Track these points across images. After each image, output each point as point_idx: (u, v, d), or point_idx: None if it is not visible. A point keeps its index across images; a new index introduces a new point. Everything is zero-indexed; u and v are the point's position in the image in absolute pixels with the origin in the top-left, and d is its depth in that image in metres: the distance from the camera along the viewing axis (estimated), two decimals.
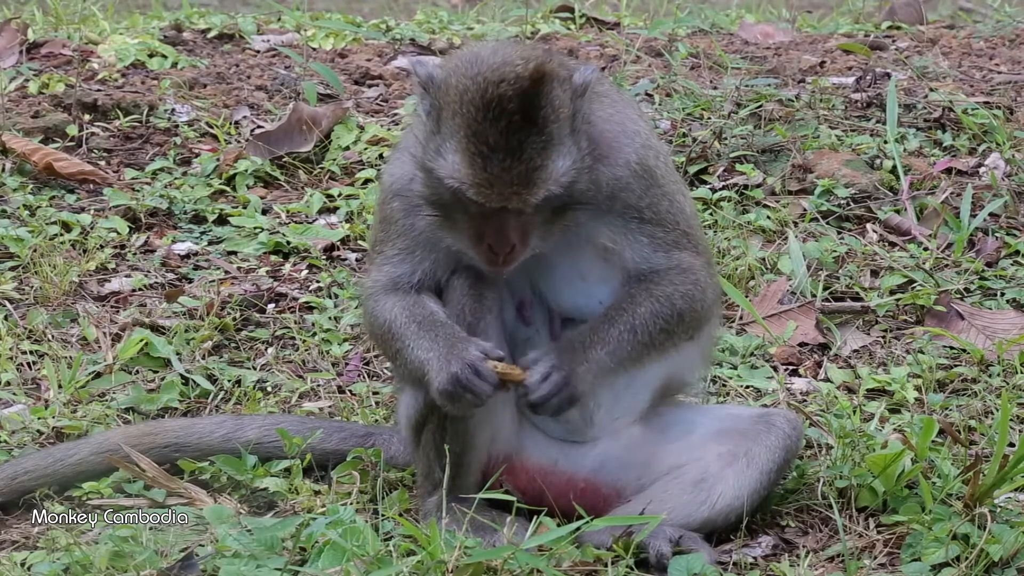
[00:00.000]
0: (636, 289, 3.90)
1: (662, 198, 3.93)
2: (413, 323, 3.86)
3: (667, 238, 3.92)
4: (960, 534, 3.84)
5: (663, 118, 6.67)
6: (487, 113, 3.59)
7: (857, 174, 6.21)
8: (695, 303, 3.93)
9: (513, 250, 3.73)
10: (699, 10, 9.50)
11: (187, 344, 5.10)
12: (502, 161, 3.60)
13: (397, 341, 3.88)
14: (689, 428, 4.14)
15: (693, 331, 4.00)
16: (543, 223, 3.75)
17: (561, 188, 3.67)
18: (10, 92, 6.90)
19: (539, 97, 3.60)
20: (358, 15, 9.55)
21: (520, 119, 3.59)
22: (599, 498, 4.07)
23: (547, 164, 3.63)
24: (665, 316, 3.89)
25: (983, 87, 7.29)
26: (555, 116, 3.64)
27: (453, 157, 3.65)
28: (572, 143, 3.70)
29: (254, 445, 4.39)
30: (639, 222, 3.90)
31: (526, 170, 3.61)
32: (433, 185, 3.75)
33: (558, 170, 3.65)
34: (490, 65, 3.62)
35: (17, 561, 3.81)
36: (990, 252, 5.82)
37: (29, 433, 4.55)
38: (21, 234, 5.67)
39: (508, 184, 3.61)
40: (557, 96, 3.65)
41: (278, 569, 3.62)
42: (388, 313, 3.92)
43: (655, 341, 3.89)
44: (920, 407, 4.79)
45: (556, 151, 3.64)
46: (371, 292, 3.99)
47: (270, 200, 6.22)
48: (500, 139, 3.59)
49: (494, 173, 3.61)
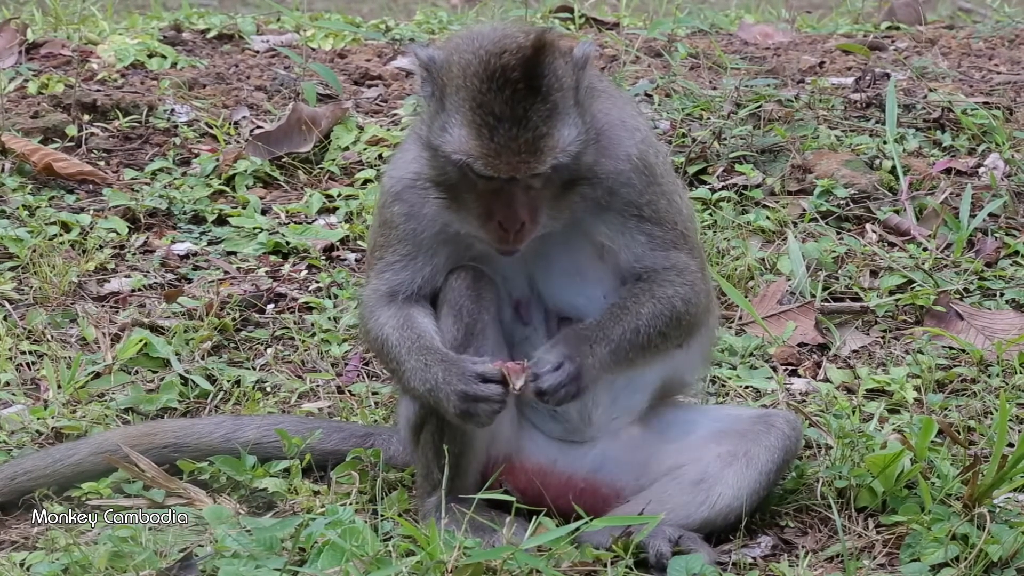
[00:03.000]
0: (638, 288, 3.90)
1: (661, 196, 3.93)
2: (403, 348, 3.86)
3: (665, 238, 3.92)
4: (959, 534, 3.85)
5: (662, 118, 6.67)
6: (491, 83, 3.59)
7: (856, 174, 6.21)
8: (691, 307, 3.93)
9: (523, 227, 3.72)
10: (698, 10, 9.50)
11: (186, 344, 5.10)
12: (508, 130, 3.59)
13: (392, 362, 3.90)
14: (688, 428, 4.14)
15: (686, 337, 4.00)
16: (552, 199, 3.75)
17: (568, 158, 3.67)
18: (9, 92, 6.90)
19: (542, 65, 3.61)
20: (357, 15, 9.55)
21: (524, 87, 3.59)
22: (598, 498, 4.07)
23: (553, 132, 3.62)
24: (664, 318, 3.89)
25: (982, 87, 7.29)
26: (559, 85, 3.64)
27: (459, 131, 3.65)
28: (576, 114, 3.70)
29: (253, 445, 4.39)
30: (638, 220, 3.90)
31: (532, 138, 3.60)
32: (440, 164, 3.74)
33: (564, 139, 3.65)
34: (491, 39, 3.65)
35: (16, 561, 3.81)
36: (989, 252, 5.82)
37: (28, 433, 4.55)
38: (20, 234, 5.67)
39: (515, 153, 3.60)
40: (559, 66, 3.66)
41: (277, 569, 3.62)
42: (379, 331, 3.92)
43: (652, 343, 3.89)
44: (919, 407, 4.79)
45: (561, 120, 3.64)
46: (367, 302, 3.98)
47: (269, 200, 6.22)
48: (505, 108, 3.59)
49: (500, 143, 3.60)
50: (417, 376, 3.81)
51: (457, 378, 3.73)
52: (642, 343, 3.87)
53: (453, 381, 3.73)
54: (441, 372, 3.76)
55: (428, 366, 3.80)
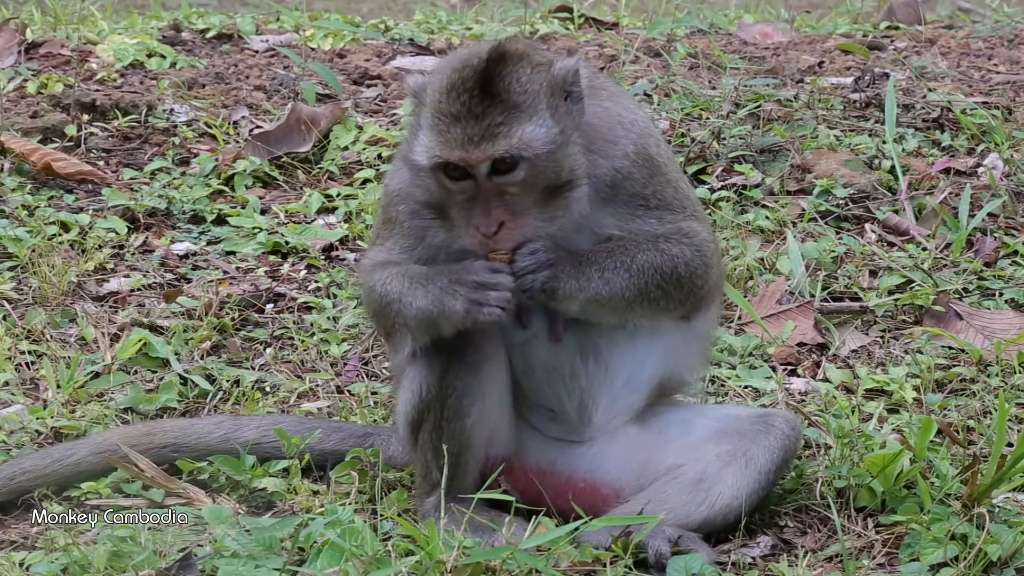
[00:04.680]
0: (642, 237, 3.89)
1: (666, 185, 3.94)
2: (406, 279, 3.86)
3: (675, 217, 3.93)
4: (958, 534, 3.84)
5: (662, 118, 6.67)
6: (451, 93, 3.71)
7: (856, 174, 6.21)
8: (696, 274, 3.91)
9: (502, 228, 3.72)
10: (698, 10, 9.50)
11: (185, 344, 5.10)
12: (464, 124, 3.69)
13: (394, 304, 3.87)
14: (688, 428, 4.14)
15: (691, 307, 3.96)
16: (539, 203, 3.75)
17: (530, 153, 3.68)
18: (9, 92, 6.90)
19: (499, 74, 3.70)
20: (357, 15, 9.55)
21: (480, 93, 3.69)
22: (598, 498, 4.07)
23: (511, 123, 3.68)
24: (665, 272, 3.87)
25: (981, 87, 7.29)
26: (521, 89, 3.71)
27: (424, 138, 3.75)
28: (548, 117, 3.73)
29: (252, 445, 4.39)
30: (645, 209, 3.91)
31: (488, 126, 3.68)
32: (419, 179, 3.81)
33: (526, 133, 3.69)
34: (459, 57, 3.79)
35: (16, 561, 3.81)
36: (988, 252, 5.82)
37: (27, 433, 4.55)
38: (20, 234, 5.67)
39: (470, 139, 3.68)
40: (523, 74, 3.73)
41: (277, 569, 3.62)
42: (381, 286, 3.91)
43: (649, 293, 3.87)
44: (918, 407, 4.79)
45: (523, 116, 3.70)
46: (367, 270, 4.00)
47: (269, 200, 6.22)
48: (462, 109, 3.70)
49: (456, 134, 3.69)
50: (420, 295, 3.81)
51: (466, 272, 3.76)
52: (637, 286, 3.84)
53: (462, 276, 3.75)
54: (447, 277, 3.78)
55: (431, 279, 3.82)
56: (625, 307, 3.89)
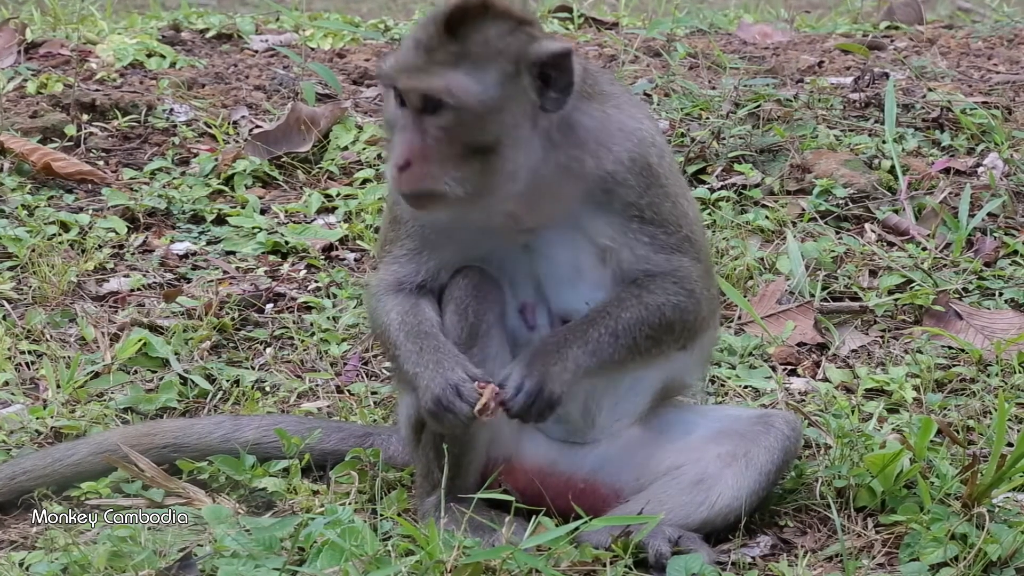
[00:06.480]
0: (625, 293, 3.89)
1: (664, 199, 3.91)
2: (402, 332, 3.88)
3: (669, 241, 3.90)
4: (958, 534, 3.84)
5: (661, 118, 6.67)
6: (425, 21, 3.72)
7: (855, 174, 6.21)
8: (687, 314, 3.92)
9: (408, 166, 3.69)
10: (697, 10, 9.51)
11: (185, 344, 5.10)
12: (416, 52, 3.69)
13: (392, 348, 3.92)
14: (688, 429, 4.14)
15: (685, 341, 3.99)
16: (455, 159, 3.70)
17: (453, 101, 3.65)
18: (8, 92, 6.90)
19: (470, 20, 3.67)
20: (356, 15, 9.55)
21: (444, 30, 3.67)
22: (598, 498, 4.07)
23: (451, 67, 3.65)
24: (652, 324, 3.88)
25: (981, 87, 7.29)
26: (482, 41, 3.68)
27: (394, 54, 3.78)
28: (493, 79, 3.68)
29: (252, 445, 4.39)
30: (640, 221, 3.88)
31: (430, 62, 3.66)
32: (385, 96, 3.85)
33: (460, 82, 3.65)
34: None
35: (15, 561, 3.81)
36: (988, 252, 5.82)
37: (27, 433, 4.55)
38: (19, 234, 5.67)
39: (413, 67, 3.67)
40: (494, 30, 3.69)
41: (276, 569, 3.62)
42: (385, 317, 3.95)
43: (641, 347, 3.88)
44: (918, 407, 4.79)
45: (466, 65, 3.67)
46: (375, 292, 4.01)
47: (268, 200, 6.22)
48: (423, 38, 3.69)
49: (407, 57, 3.70)
50: (410, 360, 3.84)
51: (440, 378, 3.75)
52: (626, 345, 3.85)
53: (436, 379, 3.75)
54: (432, 363, 3.79)
55: (422, 352, 3.82)
56: (618, 366, 3.91)
